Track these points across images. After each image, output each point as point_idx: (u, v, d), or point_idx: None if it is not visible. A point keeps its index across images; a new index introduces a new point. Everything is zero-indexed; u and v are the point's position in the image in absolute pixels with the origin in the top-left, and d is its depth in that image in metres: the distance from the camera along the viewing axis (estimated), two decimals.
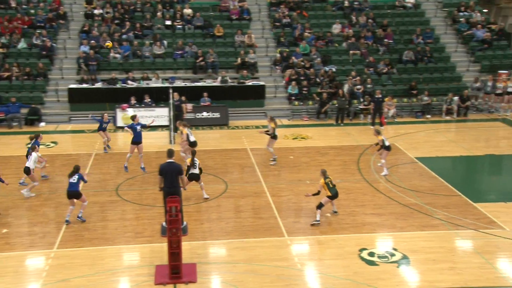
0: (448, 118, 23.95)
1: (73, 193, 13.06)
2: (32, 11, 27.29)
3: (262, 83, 24.86)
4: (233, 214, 14.08)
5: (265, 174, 16.77)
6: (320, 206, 13.26)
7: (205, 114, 23.08)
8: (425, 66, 26.50)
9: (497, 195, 15.45)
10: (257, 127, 22.38)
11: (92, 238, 12.51)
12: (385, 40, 27.35)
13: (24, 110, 22.69)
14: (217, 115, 23.12)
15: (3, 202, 14.47)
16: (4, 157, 18.36)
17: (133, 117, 17.43)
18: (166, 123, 21.84)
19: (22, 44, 25.53)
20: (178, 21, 27.70)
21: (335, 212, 13.89)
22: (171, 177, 11.45)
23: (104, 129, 18.95)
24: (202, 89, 23.73)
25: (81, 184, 13.58)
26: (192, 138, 16.80)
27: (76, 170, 13.21)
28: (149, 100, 23.00)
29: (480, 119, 24.01)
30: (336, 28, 28.20)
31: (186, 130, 16.92)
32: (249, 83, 24.62)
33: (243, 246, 12.15)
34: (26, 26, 26.46)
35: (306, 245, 12.47)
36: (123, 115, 22.43)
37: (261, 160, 18.12)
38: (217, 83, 24.39)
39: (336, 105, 22.74)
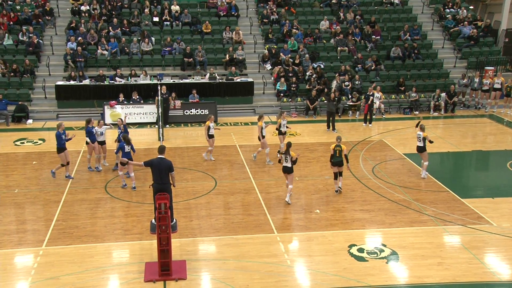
0: (435, 114, 24.13)
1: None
2: (18, 7, 26.97)
3: (250, 79, 24.84)
4: (222, 211, 14.07)
5: (254, 171, 16.78)
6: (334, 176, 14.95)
7: (193, 111, 23.01)
8: (413, 62, 26.68)
9: (485, 190, 15.62)
10: (245, 124, 22.37)
11: (81, 235, 12.43)
12: (373, 36, 27.48)
13: (11, 107, 22.45)
14: (205, 111, 23.05)
15: None
16: None
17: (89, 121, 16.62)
18: (154, 120, 21.76)
19: (8, 41, 25.24)
20: (165, 17, 27.56)
21: (339, 189, 14.83)
22: (161, 173, 11.39)
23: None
24: (190, 86, 23.66)
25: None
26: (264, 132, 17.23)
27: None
28: (138, 97, 22.89)
29: (467, 115, 24.23)
30: (324, 25, 28.27)
31: (261, 123, 17.12)
32: (238, 79, 24.59)
33: (232, 243, 12.16)
34: (12, 23, 26.16)
35: (295, 242, 12.51)
36: (111, 112, 22.29)
37: (250, 157, 18.12)
38: (205, 80, 24.33)
39: (326, 109, 22.08)
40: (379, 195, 14.95)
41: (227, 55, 25.67)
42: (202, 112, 22.98)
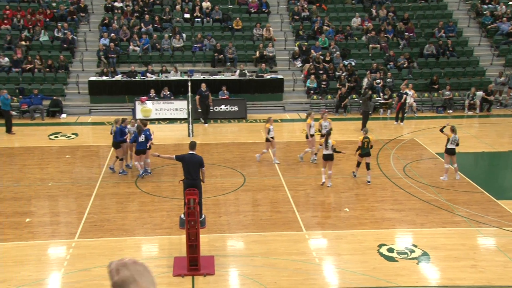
0: (470, 113, 23.60)
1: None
2: (54, 4, 27.54)
3: (280, 76, 24.78)
4: (251, 207, 14.10)
5: (283, 168, 16.74)
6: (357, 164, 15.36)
7: (223, 107, 23.11)
8: (447, 60, 26.14)
9: None
10: (275, 120, 22.32)
11: (112, 229, 12.64)
12: (406, 33, 27.02)
13: (46, 102, 22.97)
14: (235, 108, 23.13)
15: (25, 192, 14.70)
16: (27, 147, 18.62)
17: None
18: (185, 116, 21.93)
19: (44, 37, 25.82)
20: (196, 14, 27.72)
21: (368, 182, 15.15)
22: (192, 169, 11.48)
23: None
24: (220, 83, 23.74)
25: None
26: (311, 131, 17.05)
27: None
28: (168, 93, 23.10)
29: (504, 115, 23.61)
30: (355, 22, 27.96)
31: (310, 121, 17.06)
32: (268, 76, 24.56)
33: (261, 240, 12.17)
34: (48, 19, 26.74)
35: (324, 240, 12.44)
36: (142, 108, 22.58)
37: (279, 154, 18.07)
38: (235, 77, 24.39)
39: (361, 109, 21.36)
40: (410, 195, 14.72)
41: (257, 52, 25.66)
42: (231, 108, 23.05)
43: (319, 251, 11.79)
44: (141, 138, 15.40)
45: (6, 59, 24.21)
